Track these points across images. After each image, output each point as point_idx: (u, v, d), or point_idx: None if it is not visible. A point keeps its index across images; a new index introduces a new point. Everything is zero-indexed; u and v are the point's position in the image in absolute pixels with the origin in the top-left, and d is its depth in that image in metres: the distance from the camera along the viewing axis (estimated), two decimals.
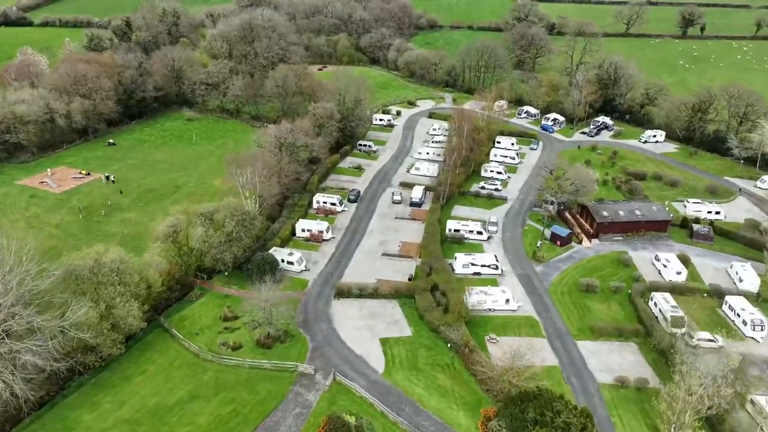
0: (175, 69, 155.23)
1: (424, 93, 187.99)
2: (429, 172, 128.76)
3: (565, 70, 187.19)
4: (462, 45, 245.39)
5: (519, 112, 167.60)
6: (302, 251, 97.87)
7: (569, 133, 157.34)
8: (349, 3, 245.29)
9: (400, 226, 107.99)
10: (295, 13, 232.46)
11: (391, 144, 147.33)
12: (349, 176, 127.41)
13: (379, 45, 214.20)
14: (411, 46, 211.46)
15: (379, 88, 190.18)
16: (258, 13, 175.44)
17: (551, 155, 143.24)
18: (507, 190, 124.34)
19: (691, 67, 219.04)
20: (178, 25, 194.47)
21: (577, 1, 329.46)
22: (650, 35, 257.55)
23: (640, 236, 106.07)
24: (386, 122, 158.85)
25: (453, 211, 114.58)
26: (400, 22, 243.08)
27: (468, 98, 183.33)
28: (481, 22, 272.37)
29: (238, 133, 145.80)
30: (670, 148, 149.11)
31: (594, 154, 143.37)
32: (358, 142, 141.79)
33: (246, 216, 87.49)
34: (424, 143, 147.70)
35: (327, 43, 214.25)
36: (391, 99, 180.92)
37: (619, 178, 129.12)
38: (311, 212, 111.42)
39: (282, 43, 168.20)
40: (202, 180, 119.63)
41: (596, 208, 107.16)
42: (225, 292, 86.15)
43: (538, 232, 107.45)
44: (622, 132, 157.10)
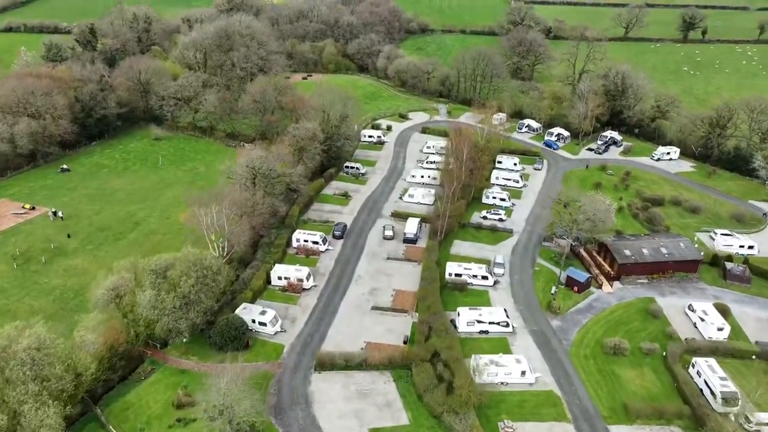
0: (142, 82, 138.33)
1: (417, 104, 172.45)
2: (424, 199, 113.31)
3: (567, 79, 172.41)
4: (455, 50, 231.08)
5: (519, 126, 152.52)
6: (278, 304, 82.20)
7: (575, 150, 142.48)
8: (336, 7, 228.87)
9: (392, 268, 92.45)
10: (278, 18, 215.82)
11: (381, 164, 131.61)
12: (335, 205, 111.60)
13: (368, 51, 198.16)
14: (401, 53, 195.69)
15: (368, 99, 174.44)
16: (235, 20, 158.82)
17: (557, 176, 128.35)
18: (512, 220, 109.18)
19: (696, 73, 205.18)
20: (149, 31, 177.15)
21: (573, 3, 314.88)
22: (650, 39, 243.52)
23: (668, 278, 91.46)
24: (376, 139, 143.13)
25: (452, 247, 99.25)
26: (389, 26, 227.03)
27: (464, 110, 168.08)
28: (474, 25, 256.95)
29: (210, 154, 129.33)
30: (685, 167, 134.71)
31: (604, 175, 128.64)
32: (345, 164, 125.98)
33: (208, 271, 71.51)
34: (418, 163, 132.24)
35: (312, 50, 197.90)
36: (381, 111, 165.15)
37: (636, 204, 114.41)
38: (291, 252, 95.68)
39: (261, 52, 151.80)
40: (166, 213, 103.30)
41: (617, 247, 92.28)
42: (182, 365, 70.21)
43: (550, 275, 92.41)
44: (632, 148, 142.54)
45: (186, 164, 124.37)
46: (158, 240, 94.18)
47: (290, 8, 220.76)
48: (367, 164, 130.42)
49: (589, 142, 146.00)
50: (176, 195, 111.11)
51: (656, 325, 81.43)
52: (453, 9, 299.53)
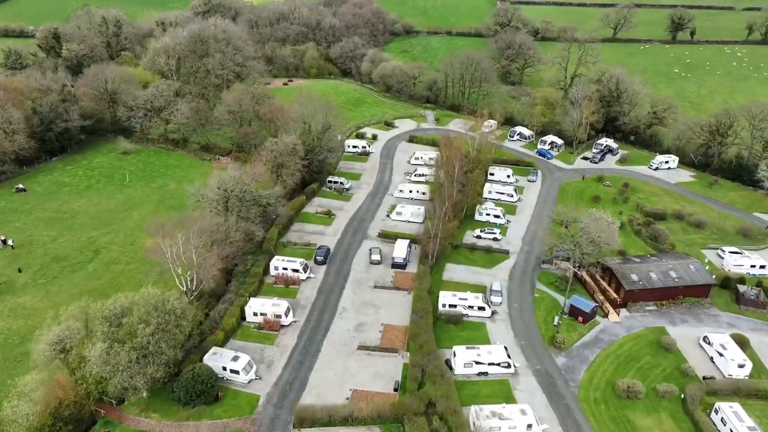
0: (109, 91, 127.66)
1: (403, 111, 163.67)
2: (413, 216, 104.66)
3: (559, 84, 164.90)
4: (441, 52, 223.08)
5: (511, 134, 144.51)
6: (253, 345, 73.12)
7: (570, 159, 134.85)
8: (318, 8, 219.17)
9: (380, 299, 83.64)
10: (257, 20, 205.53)
11: (366, 178, 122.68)
12: (317, 225, 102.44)
13: (351, 55, 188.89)
14: (386, 56, 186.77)
15: (352, 105, 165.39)
16: (210, 23, 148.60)
17: (553, 188, 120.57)
18: (507, 239, 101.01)
19: (687, 75, 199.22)
20: (119, 36, 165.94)
21: (560, 3, 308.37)
22: (638, 40, 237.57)
23: (678, 304, 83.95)
24: (360, 149, 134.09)
25: (445, 272, 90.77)
26: (373, 28, 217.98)
27: (452, 116, 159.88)
28: (460, 27, 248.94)
29: (182, 169, 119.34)
30: (685, 177, 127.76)
31: (602, 187, 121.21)
32: (328, 178, 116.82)
33: (170, 316, 62.11)
34: (406, 176, 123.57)
35: (293, 54, 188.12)
36: (366, 119, 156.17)
37: (637, 219, 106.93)
38: (269, 281, 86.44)
39: (238, 58, 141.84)
40: (130, 238, 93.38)
41: (624, 271, 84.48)
42: (141, 425, 60.78)
43: (552, 302, 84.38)
44: (629, 157, 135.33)
45: (156, 180, 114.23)
46: (120, 270, 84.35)
47: (270, 10, 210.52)
48: (352, 178, 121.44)
49: (583, 150, 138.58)
50: (143, 216, 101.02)
51: (670, 360, 73.76)
52: (437, 10, 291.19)
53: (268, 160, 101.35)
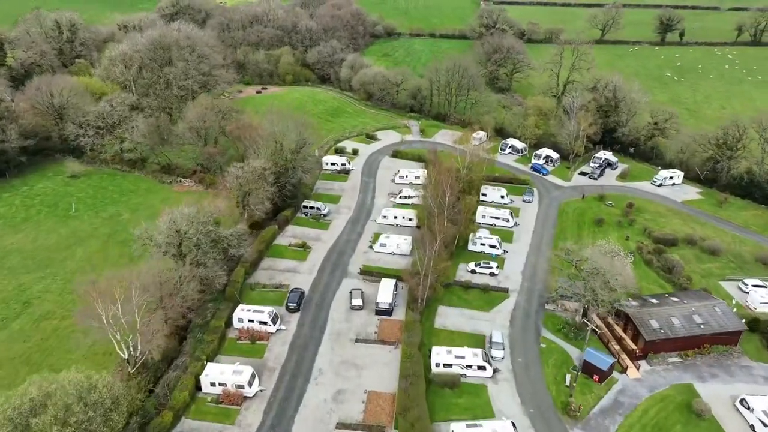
0: (56, 106, 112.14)
1: (385, 121, 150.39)
2: (399, 248, 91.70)
3: (551, 91, 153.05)
4: (425, 55, 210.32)
5: (502, 146, 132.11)
6: (209, 425, 59.60)
7: (567, 175, 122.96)
8: (294, 10, 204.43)
9: (363, 356, 70.57)
10: (228, 23, 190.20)
11: (346, 200, 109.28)
12: (290, 261, 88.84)
13: (329, 60, 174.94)
14: (367, 61, 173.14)
15: (330, 115, 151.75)
16: (173, 28, 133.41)
17: (551, 209, 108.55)
18: (506, 273, 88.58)
19: (680, 79, 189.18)
20: (73, 41, 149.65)
21: (544, 3, 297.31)
22: (627, 42, 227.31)
23: (704, 354, 72.40)
24: (340, 167, 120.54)
25: (437, 318, 78.05)
26: (353, 31, 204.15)
27: (438, 127, 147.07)
28: (443, 29, 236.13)
29: (139, 195, 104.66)
30: (692, 194, 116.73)
31: (604, 207, 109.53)
32: (303, 203, 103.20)
33: (98, 408, 48.31)
34: (390, 197, 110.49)
35: (267, 59, 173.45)
36: (346, 131, 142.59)
37: (646, 246, 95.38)
38: (231, 335, 72.85)
39: (203, 67, 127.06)
40: (70, 285, 78.81)
41: (643, 318, 72.55)
42: None
43: (561, 354, 72.21)
44: (630, 171, 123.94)
45: (107, 209, 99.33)
46: (52, 329, 69.94)
47: (242, 12, 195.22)
48: (330, 200, 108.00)
49: (580, 164, 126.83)
50: (89, 254, 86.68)
51: (704, 430, 62.10)
52: (419, 10, 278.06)
53: (233, 187, 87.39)
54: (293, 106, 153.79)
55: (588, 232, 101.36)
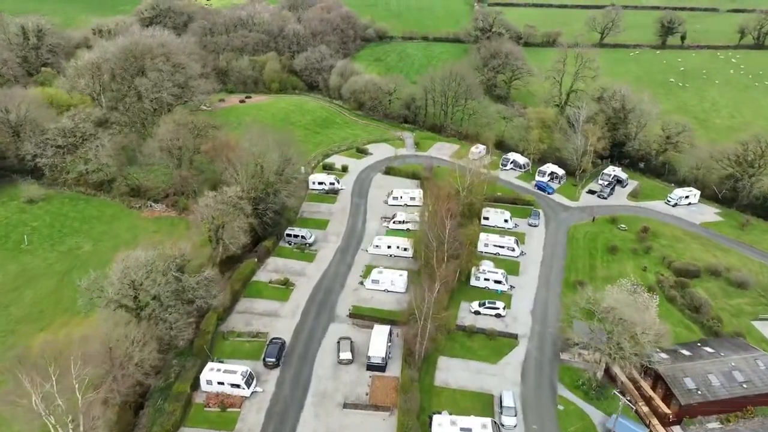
0: (13, 122, 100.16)
1: (378, 133, 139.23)
2: (394, 285, 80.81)
3: (553, 100, 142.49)
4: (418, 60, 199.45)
5: (503, 162, 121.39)
6: None
7: (574, 193, 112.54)
8: (281, 13, 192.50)
9: (352, 427, 59.58)
10: (211, 27, 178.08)
11: (335, 226, 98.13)
12: (270, 301, 77.67)
13: (318, 67, 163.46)
14: (357, 68, 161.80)
15: (319, 126, 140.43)
16: (147, 35, 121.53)
17: (560, 234, 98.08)
18: (513, 313, 77.97)
19: (685, 85, 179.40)
20: (40, 48, 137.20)
21: (540, 4, 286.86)
22: (627, 45, 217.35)
23: (747, 418, 62.18)
24: (328, 186, 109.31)
25: (438, 372, 67.29)
26: (343, 35, 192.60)
27: (434, 139, 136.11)
28: (437, 32, 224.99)
29: (103, 222, 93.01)
30: (710, 215, 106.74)
31: (616, 231, 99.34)
32: (287, 230, 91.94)
33: None
34: (383, 222, 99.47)
35: (251, 66, 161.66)
36: (335, 144, 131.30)
37: (667, 279, 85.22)
38: (198, 399, 61.69)
39: (179, 78, 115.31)
40: (10, 338, 67.31)
41: (676, 376, 62.22)
42: None
43: (581, 417, 61.73)
44: (641, 189, 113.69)
45: (65, 240, 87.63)
46: None
47: (226, 16, 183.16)
48: (317, 226, 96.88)
49: (588, 181, 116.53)
50: (39, 298, 75.14)
51: None
52: (412, 12, 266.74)
53: (204, 220, 76.10)
54: (278, 117, 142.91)
55: (601, 262, 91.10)
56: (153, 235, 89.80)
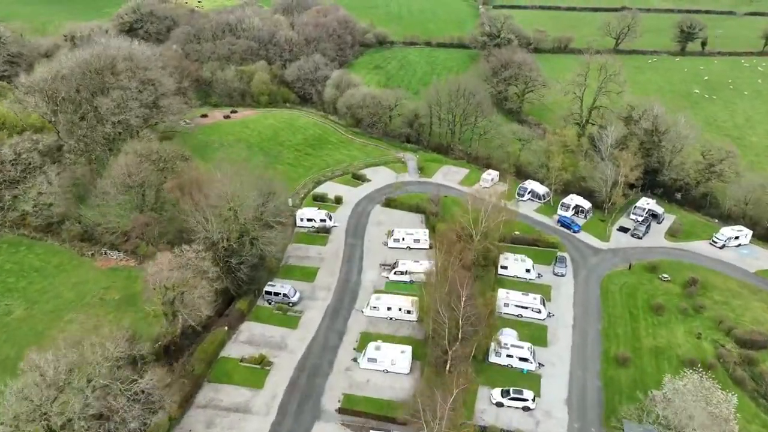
0: None
1: (377, 154, 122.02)
2: (395, 365, 64.01)
3: (572, 117, 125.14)
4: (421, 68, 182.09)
5: (520, 191, 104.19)
6: None
7: (603, 231, 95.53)
8: (272, 18, 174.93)
9: None
10: (196, 33, 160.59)
11: (325, 276, 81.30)
12: (241, 388, 60.96)
13: (311, 78, 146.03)
14: (355, 79, 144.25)
15: (311, 147, 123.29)
16: (113, 44, 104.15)
17: (591, 286, 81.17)
18: (544, 404, 61.13)
19: (711, 97, 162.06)
20: None
21: (547, 7, 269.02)
22: (644, 52, 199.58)
23: None
24: (318, 224, 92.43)
25: None
26: (340, 40, 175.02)
27: (440, 161, 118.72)
28: (441, 37, 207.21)
29: (45, 276, 76.03)
30: (766, 260, 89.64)
31: (658, 282, 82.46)
32: (266, 287, 75.04)
33: None
34: (383, 271, 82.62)
35: (238, 77, 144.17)
36: (328, 168, 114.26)
37: (729, 352, 68.42)
38: None
39: (146, 96, 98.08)
40: None
41: None
42: None
43: None
44: (681, 227, 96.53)
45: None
46: None
47: (213, 20, 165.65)
48: (304, 277, 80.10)
49: (618, 215, 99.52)
50: None
51: None
52: (414, 15, 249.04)
53: (157, 288, 59.20)
54: (266, 135, 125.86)
55: (645, 325, 74.27)
56: (103, 292, 73.29)
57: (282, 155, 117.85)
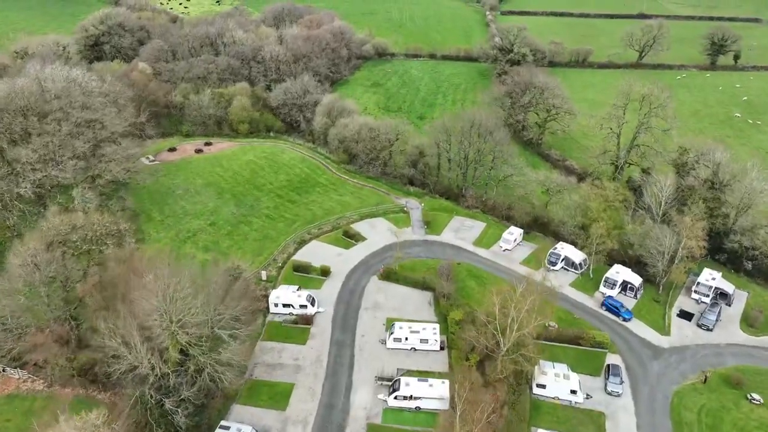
0: None
1: (373, 200, 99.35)
2: None
3: (605, 155, 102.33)
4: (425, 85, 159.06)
5: (551, 258, 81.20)
6: None
7: (659, 318, 73.16)
8: (258, 30, 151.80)
9: None
10: (173, 48, 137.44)
11: (300, 398, 58.97)
12: None
13: (299, 103, 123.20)
14: (349, 105, 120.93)
15: (295, 191, 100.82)
16: (45, 75, 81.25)
17: (657, 412, 59.05)
18: None
19: (755, 122, 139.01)
20: None
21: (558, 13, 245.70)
22: (671, 66, 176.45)
23: None
24: (297, 310, 70.22)
25: None
26: (334, 55, 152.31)
27: (450, 212, 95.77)
28: (446, 49, 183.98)
29: None
30: None
31: (747, 406, 60.18)
32: (218, 428, 52.94)
33: None
34: (378, 388, 60.47)
35: (215, 101, 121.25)
36: (315, 223, 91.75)
37: None
38: None
39: (80, 143, 75.33)
40: None
41: None
42: None
43: None
44: (761, 313, 73.97)
45: None
46: None
47: (190, 34, 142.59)
48: (272, 402, 58.05)
49: (675, 293, 77.18)
50: None
51: None
52: (416, 23, 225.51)
53: None
54: (242, 177, 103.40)
55: None
56: None
57: (259, 204, 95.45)
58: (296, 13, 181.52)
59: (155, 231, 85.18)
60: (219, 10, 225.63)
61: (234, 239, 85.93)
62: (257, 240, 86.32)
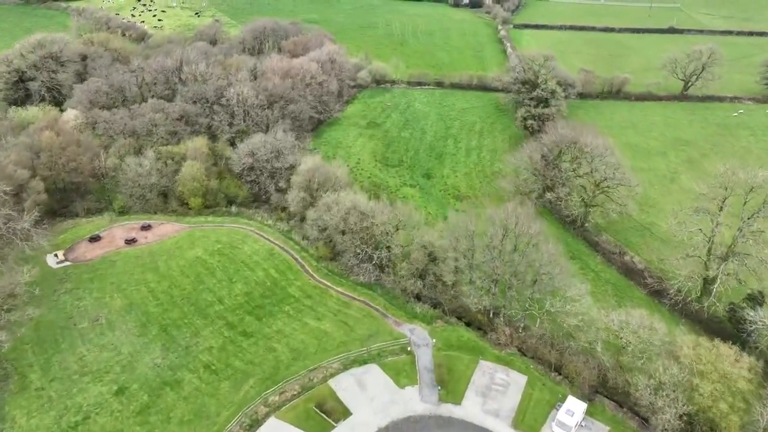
0: None
1: (364, 327, 67.09)
2: None
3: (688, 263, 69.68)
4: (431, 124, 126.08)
5: None
6: None
7: None
8: (226, 61, 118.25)
9: None
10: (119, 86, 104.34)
11: None
12: None
13: (270, 169, 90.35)
14: (335, 173, 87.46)
15: (253, 314, 68.69)
16: None
17: None
18: None
19: None
20: None
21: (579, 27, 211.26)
22: (722, 98, 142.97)
23: None
24: None
25: None
26: (322, 90, 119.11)
27: (472, 352, 63.46)
28: (457, 75, 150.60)
29: None
30: None
31: None
32: None
33: None
34: None
35: (160, 163, 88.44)
36: (274, 381, 59.64)
37: None
38: None
39: None
40: None
41: None
42: None
43: None
44: None
45: None
46: None
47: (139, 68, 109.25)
48: None
49: None
50: None
51: None
52: (420, 40, 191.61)
53: None
54: (181, 290, 70.74)
55: None
56: None
57: (198, 345, 63.43)
58: (280, 32, 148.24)
59: (25, 413, 53.29)
60: (197, 23, 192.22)
61: (150, 423, 54.04)
62: (186, 422, 54.45)
